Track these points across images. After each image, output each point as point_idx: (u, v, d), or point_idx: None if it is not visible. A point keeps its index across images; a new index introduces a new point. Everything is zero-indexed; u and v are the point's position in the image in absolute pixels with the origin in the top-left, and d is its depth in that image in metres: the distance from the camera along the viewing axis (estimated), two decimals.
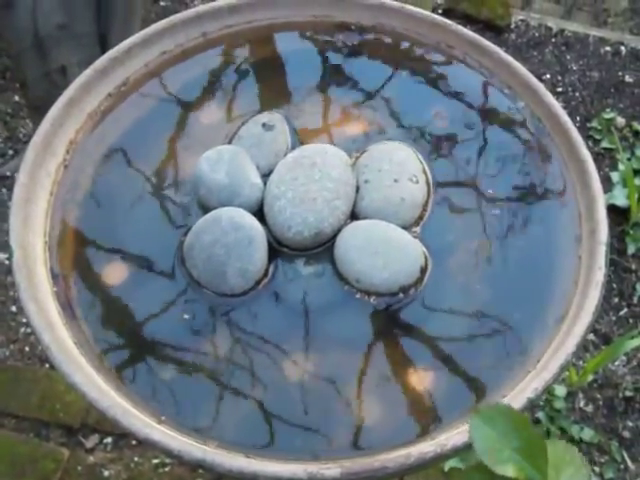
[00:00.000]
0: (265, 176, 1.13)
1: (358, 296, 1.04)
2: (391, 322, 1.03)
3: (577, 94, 2.59)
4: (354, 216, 1.11)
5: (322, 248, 1.08)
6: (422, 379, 0.99)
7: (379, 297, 1.04)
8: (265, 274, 1.06)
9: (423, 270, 1.06)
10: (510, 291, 1.07)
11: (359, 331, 1.03)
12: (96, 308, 1.04)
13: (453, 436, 0.88)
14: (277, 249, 1.08)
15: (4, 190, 2.30)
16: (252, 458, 0.88)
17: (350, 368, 1.00)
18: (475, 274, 1.08)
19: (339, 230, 1.08)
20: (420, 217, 1.11)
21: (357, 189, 1.11)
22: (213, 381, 0.99)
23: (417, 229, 1.10)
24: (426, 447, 0.88)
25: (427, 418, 0.96)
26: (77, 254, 1.09)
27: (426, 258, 1.07)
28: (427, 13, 1.31)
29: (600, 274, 1.02)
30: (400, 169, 1.12)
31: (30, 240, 1.05)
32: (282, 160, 1.12)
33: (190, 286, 1.05)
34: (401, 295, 1.04)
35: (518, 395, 0.91)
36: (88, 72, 1.21)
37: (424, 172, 1.15)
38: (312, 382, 0.99)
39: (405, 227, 1.09)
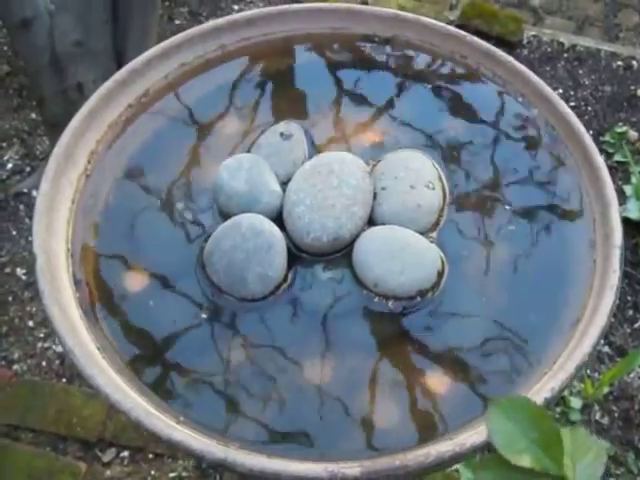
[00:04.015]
0: (284, 184, 1.14)
1: (376, 300, 1.05)
2: (409, 326, 1.04)
3: (590, 108, 2.60)
4: (371, 222, 1.12)
5: (340, 253, 1.09)
6: (440, 381, 1.00)
7: (397, 301, 1.05)
8: (284, 279, 1.07)
9: (440, 274, 1.07)
10: (526, 295, 1.08)
11: (377, 335, 1.04)
12: (118, 313, 1.05)
13: (472, 435, 0.89)
14: (296, 255, 1.09)
15: (21, 207, 2.32)
16: (273, 458, 0.89)
17: (368, 371, 1.01)
18: (491, 278, 1.09)
19: (357, 236, 1.09)
20: (436, 223, 1.13)
21: (374, 196, 1.12)
22: (232, 384, 1.00)
23: (434, 234, 1.12)
24: (445, 446, 0.88)
25: (445, 419, 0.97)
26: (99, 261, 1.10)
27: (443, 263, 1.08)
28: (442, 24, 1.32)
29: (615, 277, 1.03)
30: (416, 176, 1.14)
31: (53, 247, 1.06)
32: (300, 168, 1.14)
33: (211, 291, 1.07)
34: (419, 299, 1.05)
35: (535, 395, 0.92)
36: (109, 83, 1.22)
37: (440, 179, 1.17)
38: (331, 385, 1.00)
39: (422, 232, 1.10)
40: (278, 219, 1.11)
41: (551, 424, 0.70)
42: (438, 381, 1.00)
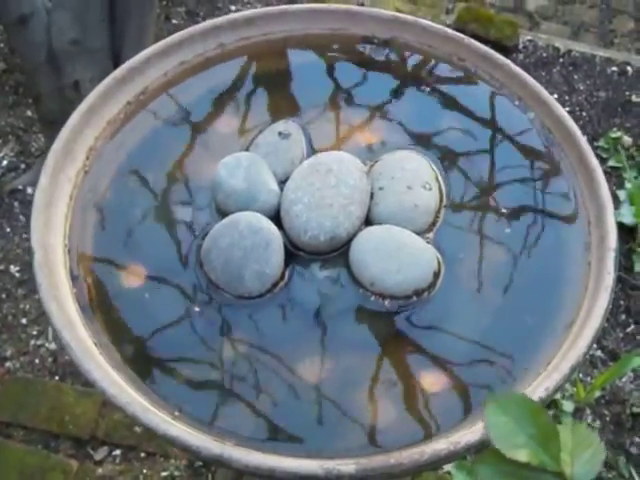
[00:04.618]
0: (282, 183, 1.15)
1: (372, 299, 1.06)
2: (404, 325, 1.05)
3: (584, 113, 2.61)
4: (368, 222, 1.12)
5: (337, 252, 1.10)
6: (435, 380, 1.00)
7: (393, 300, 1.05)
8: (281, 277, 1.07)
9: (436, 274, 1.07)
10: (521, 296, 1.09)
11: (373, 334, 1.04)
12: (114, 309, 1.06)
13: (466, 434, 0.90)
14: (293, 253, 1.10)
15: (16, 204, 2.31)
16: (268, 454, 0.90)
17: (364, 370, 1.01)
18: (487, 280, 1.09)
19: (354, 235, 1.09)
20: (433, 223, 1.13)
21: (371, 196, 1.13)
22: (229, 381, 1.00)
23: (430, 235, 1.12)
24: (440, 445, 0.89)
25: (440, 418, 0.97)
26: (96, 257, 1.10)
27: (439, 263, 1.08)
28: (440, 27, 1.33)
29: (609, 279, 1.04)
30: (413, 176, 1.14)
31: (51, 242, 1.07)
32: (298, 167, 1.14)
33: (208, 289, 1.07)
34: (415, 298, 1.05)
35: (529, 395, 0.92)
36: (108, 81, 1.23)
37: (437, 180, 1.17)
38: (326, 383, 1.00)
39: (418, 233, 1.10)
40: (276, 217, 1.11)
41: (548, 420, 0.71)
42: (433, 380, 1.01)
